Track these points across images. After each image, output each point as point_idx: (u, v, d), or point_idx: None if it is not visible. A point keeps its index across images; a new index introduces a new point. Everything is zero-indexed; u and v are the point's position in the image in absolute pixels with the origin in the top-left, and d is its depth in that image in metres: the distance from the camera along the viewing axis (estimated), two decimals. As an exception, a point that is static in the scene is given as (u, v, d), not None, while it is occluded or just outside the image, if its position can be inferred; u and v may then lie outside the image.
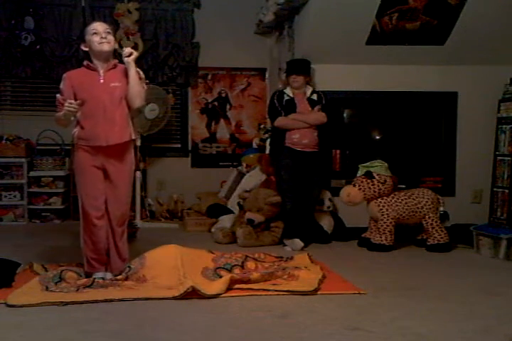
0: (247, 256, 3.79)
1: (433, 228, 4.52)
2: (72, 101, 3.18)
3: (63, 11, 5.99)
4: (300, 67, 4.76)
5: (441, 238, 4.51)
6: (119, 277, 3.36)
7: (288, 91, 4.76)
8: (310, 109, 4.70)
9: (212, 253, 3.76)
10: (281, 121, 4.69)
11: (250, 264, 3.69)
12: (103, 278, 3.33)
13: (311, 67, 4.86)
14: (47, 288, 3.18)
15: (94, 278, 3.29)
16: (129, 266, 3.44)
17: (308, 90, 4.77)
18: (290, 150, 4.65)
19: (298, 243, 4.55)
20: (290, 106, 4.69)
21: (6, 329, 2.63)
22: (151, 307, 2.98)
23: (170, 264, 3.42)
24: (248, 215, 4.77)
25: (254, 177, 5.39)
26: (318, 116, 4.67)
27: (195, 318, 2.82)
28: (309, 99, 4.72)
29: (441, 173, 5.31)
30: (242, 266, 3.64)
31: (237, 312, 2.91)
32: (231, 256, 3.76)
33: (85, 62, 3.34)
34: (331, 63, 5.01)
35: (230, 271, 3.53)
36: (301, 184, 4.66)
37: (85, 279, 3.29)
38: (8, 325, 2.70)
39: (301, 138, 4.63)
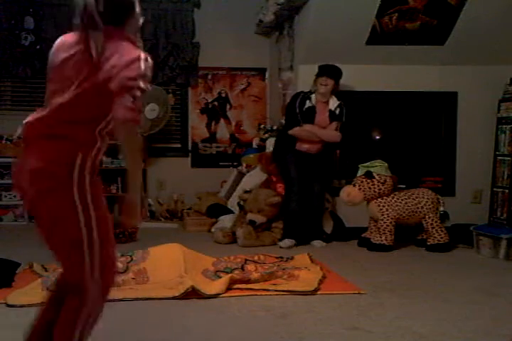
0: (246, 260, 3.81)
1: (433, 228, 4.52)
2: None
3: (63, 11, 5.98)
4: (333, 71, 4.66)
5: (441, 238, 4.51)
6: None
7: (312, 97, 4.67)
8: (328, 122, 4.67)
9: (213, 257, 3.78)
10: (297, 132, 4.67)
11: (250, 267, 3.69)
12: None
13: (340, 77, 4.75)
14: (47, 288, 3.18)
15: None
16: (131, 257, 3.46)
17: (333, 101, 4.70)
18: (297, 152, 4.70)
19: (287, 242, 4.61)
20: (309, 115, 4.65)
21: (6, 329, 2.63)
22: (151, 307, 2.98)
23: (172, 259, 3.44)
24: (249, 216, 4.77)
25: (254, 177, 5.39)
26: (333, 136, 4.68)
27: (195, 318, 2.82)
28: (331, 112, 4.68)
29: (441, 173, 5.31)
30: (243, 269, 3.64)
31: (237, 312, 2.91)
32: (231, 260, 3.77)
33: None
34: (331, 63, 5.00)
35: (230, 273, 3.53)
36: (306, 182, 4.69)
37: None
38: (8, 325, 2.70)
39: (309, 148, 4.68)
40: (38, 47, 5.95)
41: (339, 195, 4.66)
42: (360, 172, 4.61)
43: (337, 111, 4.70)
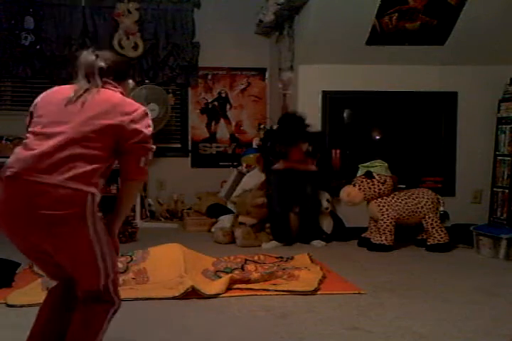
0: (246, 260, 3.81)
1: (433, 228, 4.52)
2: None
3: (63, 10, 5.99)
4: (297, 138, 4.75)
5: (441, 238, 4.51)
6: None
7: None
8: (303, 157, 4.75)
9: (212, 257, 3.79)
10: (278, 167, 4.78)
11: (250, 267, 3.70)
12: None
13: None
14: (47, 289, 3.18)
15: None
16: (131, 257, 3.46)
17: (305, 145, 4.75)
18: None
19: (268, 244, 4.65)
20: (282, 154, 4.76)
21: (6, 329, 2.63)
22: (151, 307, 2.98)
23: (172, 259, 3.44)
24: (240, 219, 4.84)
25: (254, 177, 5.38)
26: (310, 169, 4.77)
27: (195, 318, 2.82)
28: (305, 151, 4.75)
29: (441, 173, 5.31)
30: (243, 269, 3.64)
31: (237, 312, 2.91)
32: (231, 260, 3.77)
33: None
34: (331, 63, 5.01)
35: (230, 273, 3.53)
36: (293, 185, 4.72)
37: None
38: (8, 325, 2.70)
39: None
40: (38, 47, 5.95)
41: (339, 195, 4.65)
42: (360, 172, 4.61)
43: (310, 149, 4.74)
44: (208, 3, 6.22)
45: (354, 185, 4.55)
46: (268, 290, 3.26)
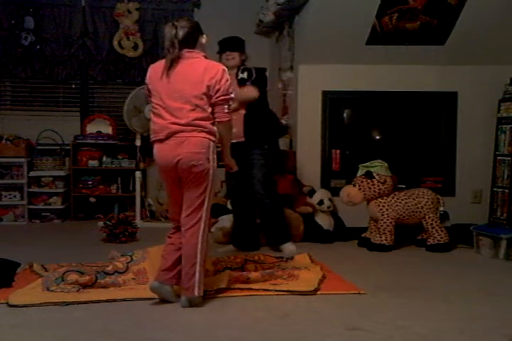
0: (246, 260, 3.81)
1: (433, 228, 4.52)
2: None
3: (63, 10, 6.00)
4: (233, 44, 4.37)
5: (441, 238, 4.51)
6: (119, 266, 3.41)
7: None
8: (239, 89, 4.15)
9: (212, 257, 3.79)
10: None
11: (250, 267, 3.70)
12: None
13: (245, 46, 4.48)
14: (48, 289, 3.18)
15: (96, 278, 3.28)
16: (130, 257, 3.46)
17: (241, 71, 4.30)
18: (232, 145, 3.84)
19: (229, 247, 4.54)
20: None
21: (6, 329, 2.63)
22: (151, 307, 2.98)
23: None
24: None
25: (254, 177, 5.38)
26: (245, 91, 4.19)
27: (195, 318, 2.82)
28: (239, 80, 4.24)
29: (441, 173, 5.31)
30: (243, 269, 3.64)
31: (237, 312, 2.91)
32: (231, 260, 3.77)
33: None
34: (331, 63, 5.02)
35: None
36: (245, 182, 4.35)
37: (87, 278, 3.28)
38: (8, 324, 2.70)
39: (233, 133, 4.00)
40: (38, 47, 5.96)
41: (339, 195, 4.65)
42: (360, 172, 4.61)
43: (245, 75, 4.24)
44: (207, 3, 6.22)
45: (354, 185, 4.55)
46: (268, 290, 3.25)
